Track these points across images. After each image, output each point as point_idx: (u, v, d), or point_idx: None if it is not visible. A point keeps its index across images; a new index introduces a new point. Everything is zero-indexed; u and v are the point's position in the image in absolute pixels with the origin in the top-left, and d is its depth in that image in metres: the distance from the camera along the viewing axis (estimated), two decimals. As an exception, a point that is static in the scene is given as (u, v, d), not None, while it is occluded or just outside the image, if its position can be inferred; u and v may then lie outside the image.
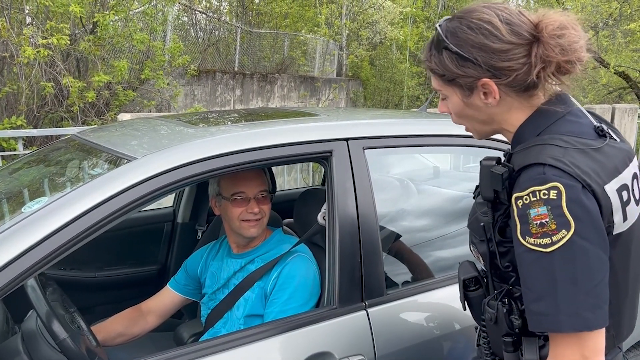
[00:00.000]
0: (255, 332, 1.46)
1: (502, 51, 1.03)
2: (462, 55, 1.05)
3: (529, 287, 0.99)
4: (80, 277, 2.46)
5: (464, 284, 1.23)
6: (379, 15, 15.42)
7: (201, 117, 2.18)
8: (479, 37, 1.04)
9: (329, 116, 1.99)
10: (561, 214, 0.95)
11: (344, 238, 1.55)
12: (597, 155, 1.02)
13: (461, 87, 1.09)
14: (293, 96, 12.38)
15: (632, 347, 1.94)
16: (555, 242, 0.95)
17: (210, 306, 1.84)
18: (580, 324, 0.95)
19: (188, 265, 1.99)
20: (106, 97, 7.17)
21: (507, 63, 1.03)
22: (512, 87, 1.06)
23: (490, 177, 1.06)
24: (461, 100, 1.12)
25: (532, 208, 0.97)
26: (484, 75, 1.05)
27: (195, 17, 11.48)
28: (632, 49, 11.71)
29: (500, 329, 1.10)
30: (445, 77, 1.10)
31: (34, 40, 6.12)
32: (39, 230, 1.23)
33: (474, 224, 1.17)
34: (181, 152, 1.46)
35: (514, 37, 1.03)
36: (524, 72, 1.03)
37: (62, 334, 1.40)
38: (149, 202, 1.39)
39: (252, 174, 1.79)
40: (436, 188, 2.42)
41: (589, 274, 0.95)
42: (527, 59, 1.03)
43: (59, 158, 1.93)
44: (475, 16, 1.06)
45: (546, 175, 0.97)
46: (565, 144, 1.01)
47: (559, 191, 0.95)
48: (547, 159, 0.98)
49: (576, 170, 0.97)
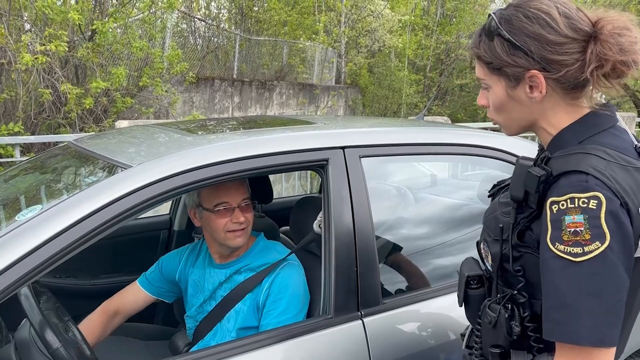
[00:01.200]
0: (250, 342, 1.45)
1: (557, 44, 0.99)
2: (515, 43, 1.02)
3: (551, 294, 0.96)
4: (76, 284, 2.44)
5: (466, 281, 1.20)
6: (378, 23, 15.50)
7: (199, 125, 2.18)
8: (535, 26, 1.01)
9: (325, 124, 1.99)
10: (598, 225, 0.92)
11: (339, 247, 1.54)
12: (636, 175, 1.00)
13: (507, 77, 1.05)
14: (292, 103, 12.41)
15: (633, 354, 1.93)
16: (587, 252, 0.92)
17: (199, 319, 1.80)
18: (597, 339, 0.93)
19: (164, 266, 1.94)
20: (104, 104, 7.18)
21: (560, 57, 1.00)
22: (560, 84, 1.02)
23: (526, 177, 1.02)
24: (505, 91, 1.07)
25: (568, 214, 0.94)
26: (534, 67, 1.01)
27: (194, 25, 11.52)
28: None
29: (498, 334, 1.08)
30: (492, 65, 1.06)
31: (32, 47, 6.13)
32: (32, 239, 1.22)
33: (491, 222, 1.14)
34: (177, 159, 1.46)
35: (571, 32, 1.00)
36: (575, 69, 1.00)
37: (56, 343, 1.39)
38: (144, 210, 1.38)
39: (233, 183, 1.74)
40: (434, 196, 2.42)
41: (614, 290, 0.93)
42: (581, 55, 0.99)
43: (54, 165, 1.92)
44: (533, 5, 1.02)
45: (588, 183, 0.94)
46: (608, 157, 0.98)
47: (600, 201, 0.92)
48: (590, 169, 0.95)
49: (616, 185, 0.95)
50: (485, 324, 1.11)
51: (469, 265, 1.22)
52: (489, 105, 1.13)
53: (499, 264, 1.10)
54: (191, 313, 1.84)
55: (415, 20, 17.53)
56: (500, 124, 1.16)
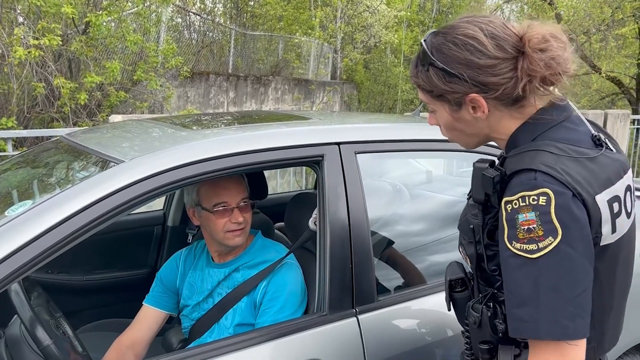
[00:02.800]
0: (244, 339, 1.44)
1: (489, 66, 1.03)
2: (449, 71, 1.05)
3: (512, 292, 0.99)
4: (69, 280, 2.42)
5: (450, 285, 1.22)
6: (374, 19, 15.46)
7: (194, 120, 2.16)
8: (464, 53, 1.04)
9: (321, 120, 1.98)
10: (549, 221, 0.94)
11: (334, 243, 1.53)
12: (590, 165, 1.02)
13: (449, 102, 1.09)
14: (287, 99, 12.37)
15: (623, 355, 1.94)
16: (541, 248, 0.95)
17: (195, 317, 1.78)
18: (559, 333, 0.94)
19: (164, 278, 1.88)
20: (98, 99, 7.13)
21: (494, 78, 1.03)
22: (500, 101, 1.06)
23: (481, 179, 1.06)
24: (450, 115, 1.12)
25: (521, 213, 0.96)
26: (471, 91, 1.05)
27: (189, 19, 11.45)
28: (624, 55, 11.79)
29: (484, 332, 1.10)
30: (433, 93, 1.11)
31: (25, 41, 6.07)
32: (21, 235, 1.20)
33: (464, 225, 1.16)
34: (171, 155, 1.44)
35: (500, 52, 1.03)
36: (511, 86, 1.03)
37: (46, 340, 1.38)
38: (137, 206, 1.37)
39: (232, 183, 1.73)
40: (429, 192, 2.41)
41: (572, 282, 0.95)
42: (513, 73, 1.03)
43: (47, 160, 1.90)
44: (460, 32, 1.05)
45: (537, 180, 0.96)
46: (558, 151, 1.01)
47: (549, 197, 0.95)
48: (539, 165, 0.98)
49: (567, 177, 0.96)
50: (471, 325, 1.13)
51: (452, 269, 1.24)
52: (440, 125, 1.17)
53: (477, 265, 1.12)
54: (186, 312, 1.82)
55: (411, 16, 17.49)
56: (455, 142, 1.20)
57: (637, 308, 1.59)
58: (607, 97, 13.42)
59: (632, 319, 1.23)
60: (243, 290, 1.70)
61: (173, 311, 1.88)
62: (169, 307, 1.86)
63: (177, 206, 2.58)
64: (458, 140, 1.19)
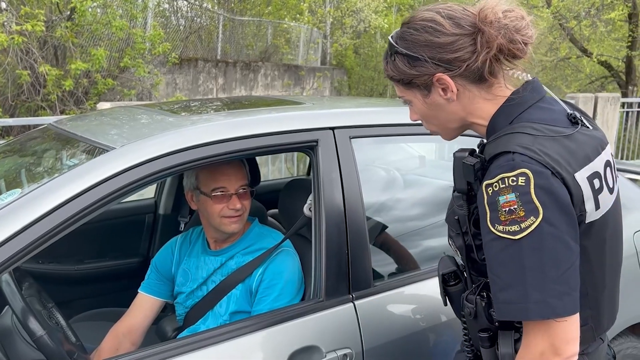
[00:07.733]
0: (241, 327, 1.43)
1: (448, 43, 1.06)
2: (412, 55, 1.08)
3: (497, 275, 0.99)
4: (60, 270, 2.39)
5: (443, 279, 1.22)
6: (363, 3, 15.33)
7: (183, 106, 2.12)
8: (424, 35, 1.07)
9: (314, 104, 1.95)
10: (529, 201, 0.95)
11: (330, 229, 1.52)
12: (567, 143, 1.02)
13: (419, 87, 1.11)
14: (277, 85, 12.29)
15: (617, 336, 1.95)
16: (523, 229, 0.95)
17: (189, 304, 1.76)
18: (547, 311, 0.95)
19: (158, 265, 1.86)
20: (85, 86, 7.02)
21: (454, 54, 1.05)
22: (467, 78, 1.08)
23: (462, 168, 1.07)
24: (423, 101, 1.13)
25: (501, 195, 0.97)
26: (436, 71, 1.07)
27: (177, 4, 11.28)
28: (614, 38, 11.82)
29: (480, 323, 1.10)
30: (403, 81, 1.13)
31: (9, 27, 5.94)
32: (11, 224, 1.17)
33: (450, 217, 1.17)
34: (161, 141, 1.42)
35: (458, 29, 1.06)
36: (473, 60, 1.05)
37: (39, 331, 1.36)
38: (128, 194, 1.34)
39: (232, 169, 1.71)
40: (423, 177, 2.41)
41: (556, 261, 0.95)
42: (474, 48, 1.05)
43: (34, 148, 1.86)
44: (419, 17, 1.10)
45: (515, 162, 0.97)
46: (535, 132, 1.02)
47: (527, 177, 0.95)
48: (516, 147, 0.98)
49: (545, 157, 0.97)
50: (467, 316, 1.13)
51: (444, 263, 1.24)
52: (420, 119, 1.19)
53: (467, 256, 1.13)
54: (180, 299, 1.81)
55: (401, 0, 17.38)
56: (436, 133, 1.21)
57: (629, 289, 1.60)
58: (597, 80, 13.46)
59: (623, 300, 1.23)
60: (238, 277, 1.69)
61: (169, 298, 1.86)
62: (164, 294, 1.85)
63: (169, 194, 2.55)
64: (436, 130, 1.20)
